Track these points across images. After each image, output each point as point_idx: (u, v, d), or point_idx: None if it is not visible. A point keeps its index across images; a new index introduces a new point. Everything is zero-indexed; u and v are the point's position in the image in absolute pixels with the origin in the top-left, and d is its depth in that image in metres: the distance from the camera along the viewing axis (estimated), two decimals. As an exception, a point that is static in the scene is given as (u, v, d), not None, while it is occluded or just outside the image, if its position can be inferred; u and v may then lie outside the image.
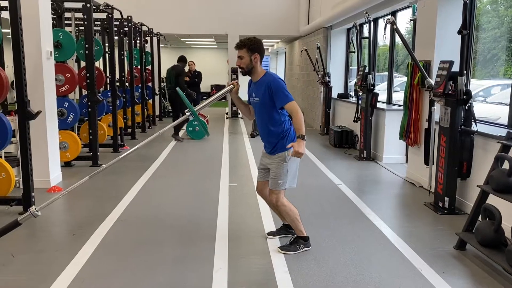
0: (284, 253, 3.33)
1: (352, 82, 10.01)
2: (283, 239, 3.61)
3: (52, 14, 5.53)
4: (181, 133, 9.18)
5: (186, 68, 10.23)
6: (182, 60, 9.13)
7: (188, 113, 3.04)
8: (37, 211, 2.66)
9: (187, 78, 10.31)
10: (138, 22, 10.05)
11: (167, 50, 21.48)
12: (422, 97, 5.41)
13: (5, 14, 4.89)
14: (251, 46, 3.22)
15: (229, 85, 3.38)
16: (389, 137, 6.71)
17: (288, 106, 3.13)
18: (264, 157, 3.45)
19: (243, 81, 3.45)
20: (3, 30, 4.29)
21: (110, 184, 5.48)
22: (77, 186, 2.93)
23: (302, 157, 3.04)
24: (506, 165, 3.30)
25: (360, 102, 7.31)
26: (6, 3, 4.13)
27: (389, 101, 7.57)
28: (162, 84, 13.29)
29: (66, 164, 6.18)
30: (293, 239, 3.44)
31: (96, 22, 8.12)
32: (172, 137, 8.68)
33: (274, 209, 3.60)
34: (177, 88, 3.44)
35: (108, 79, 8.57)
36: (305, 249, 3.39)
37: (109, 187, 5.33)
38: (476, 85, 5.73)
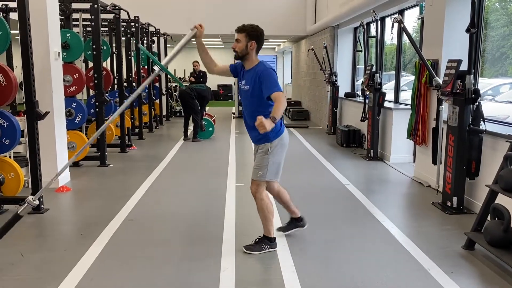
0: (247, 252, 3.30)
1: (359, 81, 9.97)
2: (290, 239, 3.60)
3: (60, 15, 5.57)
4: (188, 132, 9.20)
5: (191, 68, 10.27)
6: (205, 81, 9.11)
7: (157, 68, 2.95)
8: (34, 200, 2.68)
9: (192, 79, 10.32)
10: (145, 23, 10.09)
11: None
12: (430, 96, 5.38)
13: (14, 15, 4.93)
14: (251, 32, 3.20)
15: (192, 29, 3.25)
16: (396, 137, 6.68)
17: (274, 95, 3.03)
18: (254, 151, 3.42)
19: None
20: (12, 31, 4.33)
21: (118, 184, 5.51)
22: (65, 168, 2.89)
23: (262, 131, 2.86)
24: (515, 164, 3.27)
25: (367, 101, 7.28)
26: (14, 4, 4.17)
27: (396, 100, 7.53)
28: (169, 84, 13.33)
29: (74, 164, 6.22)
30: (258, 238, 3.40)
31: (103, 23, 8.18)
32: (193, 141, 8.70)
33: (280, 202, 3.61)
34: (139, 45, 3.28)
35: (115, 80, 8.61)
36: (270, 249, 3.35)
37: (117, 186, 5.36)
38: (484, 83, 5.69)
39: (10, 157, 4.76)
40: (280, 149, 3.28)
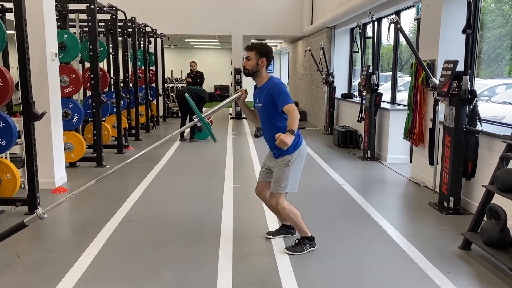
0: (290, 254, 3.32)
1: (356, 82, 9.99)
2: (288, 239, 3.61)
3: (56, 15, 5.56)
4: (184, 133, 9.18)
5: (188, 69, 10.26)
6: (201, 82, 9.11)
7: (196, 119, 3.07)
8: (43, 213, 2.67)
9: (189, 79, 10.32)
10: (142, 23, 10.08)
11: (170, 51, 21.54)
12: (427, 96, 5.40)
13: (10, 16, 4.92)
14: (261, 50, 3.26)
15: (237, 93, 3.40)
16: (393, 137, 6.70)
17: (286, 107, 3.11)
18: (268, 158, 3.46)
19: (250, 88, 3.46)
20: (8, 32, 4.31)
21: (115, 185, 5.50)
22: (84, 189, 2.92)
23: (285, 147, 2.97)
24: (511, 165, 3.29)
25: (364, 102, 7.30)
26: (11, 5, 4.15)
27: (393, 101, 7.55)
28: (166, 84, 13.31)
29: (70, 165, 6.20)
30: (298, 240, 3.43)
31: (100, 23, 8.16)
32: (190, 141, 8.69)
33: (273, 211, 3.60)
34: (186, 95, 3.44)
35: (112, 80, 8.59)
36: (311, 249, 3.39)
37: (114, 188, 5.34)
38: (480, 84, 5.71)
39: (6, 158, 4.75)
40: (300, 160, 3.34)
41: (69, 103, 6.02)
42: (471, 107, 4.21)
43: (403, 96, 7.18)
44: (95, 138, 6.49)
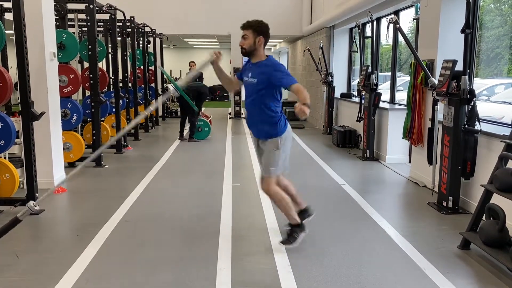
0: (286, 247, 3.33)
1: (355, 82, 9.99)
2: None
3: (55, 15, 5.55)
4: (183, 133, 9.18)
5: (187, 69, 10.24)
6: (201, 79, 9.05)
7: (171, 87, 2.99)
8: (34, 206, 2.67)
9: None
10: (141, 23, 10.07)
11: (169, 51, 21.54)
12: (425, 96, 5.40)
13: (9, 16, 4.91)
14: (258, 28, 3.19)
15: (211, 55, 3.27)
16: (392, 137, 6.70)
17: (295, 87, 3.05)
18: (258, 147, 3.44)
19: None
20: (7, 32, 4.31)
21: (114, 184, 5.50)
22: (73, 174, 2.91)
23: (303, 117, 2.90)
24: (510, 165, 3.29)
25: (363, 101, 7.30)
26: (9, 5, 4.15)
27: (392, 100, 7.55)
28: (165, 84, 13.29)
29: (69, 165, 6.19)
30: (289, 230, 3.43)
31: (99, 23, 8.15)
32: (189, 141, 8.70)
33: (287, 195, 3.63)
34: (158, 66, 3.33)
35: (111, 80, 8.58)
36: (303, 234, 3.40)
37: (113, 187, 5.34)
38: (479, 84, 5.71)
39: (5, 158, 4.74)
40: (289, 142, 3.34)
41: (68, 103, 6.01)
42: (470, 106, 4.21)
43: (402, 96, 7.18)
44: (94, 138, 6.48)
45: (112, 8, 7.40)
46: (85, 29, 7.45)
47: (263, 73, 3.16)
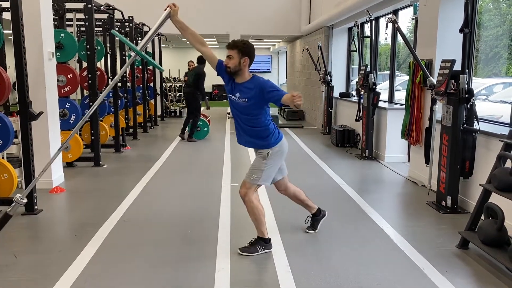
0: (243, 255, 3.30)
1: (353, 81, 9.99)
2: (285, 239, 3.60)
3: (53, 15, 5.54)
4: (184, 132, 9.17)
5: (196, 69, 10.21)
6: (203, 61, 8.97)
7: (133, 54, 2.97)
8: (21, 199, 2.66)
9: (186, 78, 10.30)
10: (139, 23, 10.06)
11: (168, 50, 21.52)
12: (424, 96, 5.40)
13: (7, 15, 4.90)
14: (243, 48, 3.19)
15: (166, 9, 3.23)
16: (391, 136, 6.70)
17: (283, 98, 3.05)
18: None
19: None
20: (5, 31, 4.30)
21: (112, 184, 5.49)
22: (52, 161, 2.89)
23: (299, 102, 2.86)
24: (508, 164, 3.29)
25: (361, 101, 7.30)
26: (7, 4, 4.14)
27: (390, 100, 7.56)
28: (163, 84, 13.28)
29: (68, 165, 6.19)
30: (253, 240, 3.40)
31: (97, 23, 8.14)
32: (188, 141, 8.70)
33: (297, 201, 3.72)
34: (112, 30, 3.29)
35: (109, 80, 8.57)
36: (266, 251, 3.35)
37: (111, 187, 5.33)
38: (478, 83, 5.72)
39: (3, 158, 4.73)
40: (279, 156, 3.33)
41: (67, 102, 6.00)
42: (468, 106, 4.22)
43: (400, 95, 7.19)
44: (93, 137, 6.48)
45: (111, 7, 7.39)
46: (84, 28, 7.45)
47: (255, 92, 3.17)
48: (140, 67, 10.17)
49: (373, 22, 7.11)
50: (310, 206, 3.77)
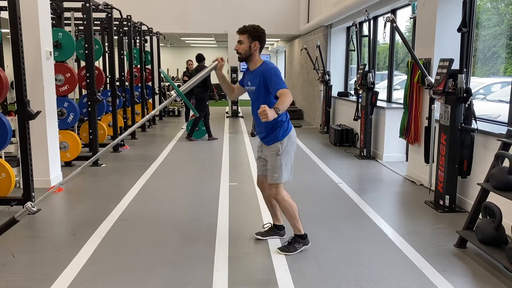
0: (284, 254, 3.31)
1: (352, 81, 10.00)
2: (284, 239, 3.60)
3: (51, 14, 5.53)
4: (181, 132, 9.17)
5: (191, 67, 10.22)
6: (202, 59, 8.96)
7: (174, 93, 2.99)
8: (32, 207, 2.66)
9: (186, 78, 10.29)
10: (138, 22, 10.05)
11: (166, 49, 21.50)
12: (422, 95, 5.41)
13: (5, 14, 4.89)
14: (253, 33, 3.19)
15: (213, 62, 3.29)
16: (389, 136, 6.71)
17: (280, 92, 3.02)
18: (260, 148, 3.43)
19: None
20: (3, 30, 4.29)
21: (110, 184, 5.48)
22: (71, 178, 2.89)
23: (263, 119, 2.81)
24: (506, 163, 3.30)
25: (360, 100, 7.30)
26: (5, 3, 4.12)
27: (389, 99, 7.56)
28: (162, 83, 13.27)
29: (66, 164, 6.18)
30: (291, 238, 3.41)
31: (95, 22, 8.12)
32: (187, 139, 8.69)
33: (269, 205, 3.60)
34: (160, 69, 3.37)
35: (108, 79, 8.56)
36: (304, 247, 3.37)
37: (109, 187, 5.33)
38: (476, 83, 5.72)
39: (1, 157, 4.72)
40: (291, 147, 3.30)
41: (65, 102, 5.99)
42: (466, 105, 4.22)
43: (399, 95, 7.19)
44: (91, 137, 6.47)
45: (109, 6, 7.38)
46: (82, 27, 7.43)
47: (260, 79, 3.17)
48: (139, 66, 10.16)
49: (372, 21, 7.11)
50: (278, 217, 3.65)
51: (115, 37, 8.95)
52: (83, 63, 7.34)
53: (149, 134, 9.82)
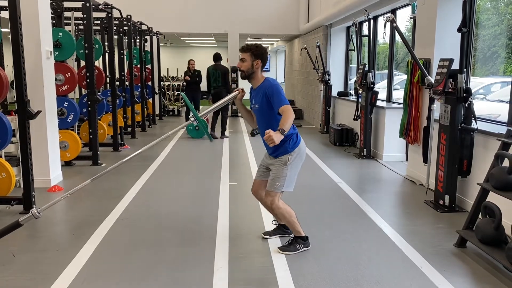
0: (284, 254, 3.32)
1: (352, 81, 10.01)
2: (284, 238, 3.61)
3: (51, 13, 5.53)
4: (181, 132, 9.17)
5: (193, 67, 10.21)
6: (219, 58, 8.99)
7: (192, 118, 3.07)
8: (38, 213, 2.67)
9: (187, 78, 10.28)
10: (138, 21, 10.04)
11: (166, 49, 21.50)
12: (422, 95, 5.41)
13: (5, 14, 4.89)
14: (255, 51, 3.25)
15: (234, 91, 3.39)
16: (389, 135, 6.71)
17: (282, 108, 3.09)
18: (266, 157, 3.45)
19: (246, 87, 3.44)
20: (3, 30, 4.29)
21: (110, 183, 5.48)
22: (80, 188, 2.92)
23: (271, 144, 2.87)
24: (506, 163, 3.30)
25: (360, 100, 7.31)
26: (5, 3, 4.12)
27: (389, 99, 7.56)
28: (162, 83, 13.26)
29: (66, 164, 6.18)
30: (291, 239, 3.42)
31: (95, 21, 8.13)
32: (221, 138, 8.83)
33: (269, 210, 3.60)
34: (182, 93, 3.46)
35: (108, 78, 8.57)
36: (305, 248, 3.38)
37: (109, 186, 5.33)
38: (476, 82, 5.73)
39: (1, 156, 4.72)
40: (299, 160, 3.32)
41: (65, 101, 5.99)
42: (466, 105, 4.22)
43: (399, 94, 7.20)
44: (91, 136, 6.47)
45: (109, 6, 7.38)
46: (82, 27, 7.43)
47: (262, 96, 3.21)
48: (139, 66, 10.16)
49: (372, 21, 7.11)
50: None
51: (115, 37, 8.95)
52: (83, 63, 7.34)
53: (148, 134, 9.82)
